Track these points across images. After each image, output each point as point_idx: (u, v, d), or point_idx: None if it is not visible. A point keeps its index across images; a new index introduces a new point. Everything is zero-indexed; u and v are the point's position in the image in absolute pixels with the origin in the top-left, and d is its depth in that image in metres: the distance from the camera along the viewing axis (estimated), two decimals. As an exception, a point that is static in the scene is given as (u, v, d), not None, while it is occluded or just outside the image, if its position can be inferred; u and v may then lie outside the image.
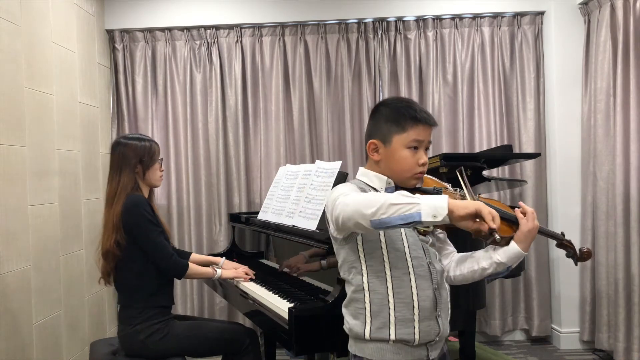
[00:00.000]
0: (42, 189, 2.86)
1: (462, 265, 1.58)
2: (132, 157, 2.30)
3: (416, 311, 1.44)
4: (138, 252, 2.26)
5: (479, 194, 1.61)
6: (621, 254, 3.16)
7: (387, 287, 1.44)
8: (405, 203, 1.24)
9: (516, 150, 3.71)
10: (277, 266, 2.57)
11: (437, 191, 1.52)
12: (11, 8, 2.64)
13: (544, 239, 3.74)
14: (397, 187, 1.51)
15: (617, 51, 3.20)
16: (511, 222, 1.49)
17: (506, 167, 3.71)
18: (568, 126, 3.64)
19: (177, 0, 3.78)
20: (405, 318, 1.44)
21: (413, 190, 1.52)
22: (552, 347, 3.71)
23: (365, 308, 1.45)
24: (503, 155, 3.10)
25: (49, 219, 2.92)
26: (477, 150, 3.74)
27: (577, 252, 1.57)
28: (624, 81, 3.16)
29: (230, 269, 2.58)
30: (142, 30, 3.82)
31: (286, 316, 1.85)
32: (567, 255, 1.60)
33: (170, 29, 3.82)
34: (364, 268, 1.46)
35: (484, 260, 1.52)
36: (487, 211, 1.27)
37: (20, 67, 2.71)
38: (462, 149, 3.75)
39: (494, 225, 1.26)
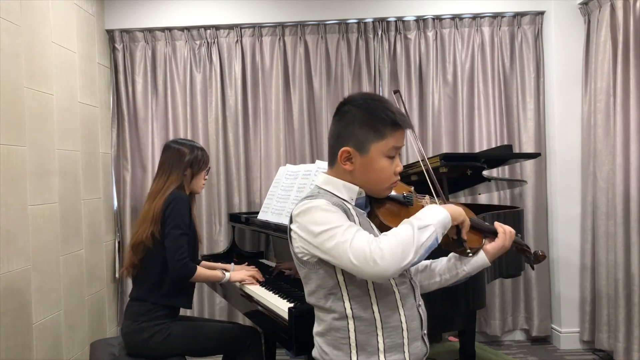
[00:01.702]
0: (42, 189, 2.86)
1: (422, 275, 1.52)
2: (184, 160, 2.39)
3: (405, 334, 1.33)
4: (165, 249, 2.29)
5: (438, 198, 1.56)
6: (621, 254, 3.16)
7: (373, 312, 1.31)
8: (428, 237, 1.23)
9: (516, 150, 3.71)
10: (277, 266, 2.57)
11: (407, 200, 1.45)
12: (11, 8, 2.64)
13: (544, 240, 3.75)
14: (367, 197, 1.42)
15: (617, 51, 3.20)
16: (482, 232, 1.46)
17: (506, 167, 3.71)
18: (568, 126, 3.64)
19: (177, 0, 3.78)
20: (395, 344, 1.32)
21: (383, 199, 1.43)
22: (552, 347, 3.71)
23: (349, 337, 1.31)
24: (503, 155, 3.10)
25: (49, 219, 2.92)
26: (477, 150, 3.74)
27: (532, 255, 1.53)
28: (624, 81, 3.16)
29: (239, 271, 2.52)
30: (142, 30, 3.82)
31: (286, 316, 1.85)
32: (526, 261, 1.55)
33: (170, 29, 3.81)
34: (344, 293, 1.31)
35: (448, 271, 1.48)
36: (468, 223, 1.36)
37: (20, 67, 2.71)
38: (462, 149, 3.75)
39: (465, 237, 1.36)
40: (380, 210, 1.41)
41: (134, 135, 3.85)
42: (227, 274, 2.46)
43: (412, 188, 1.52)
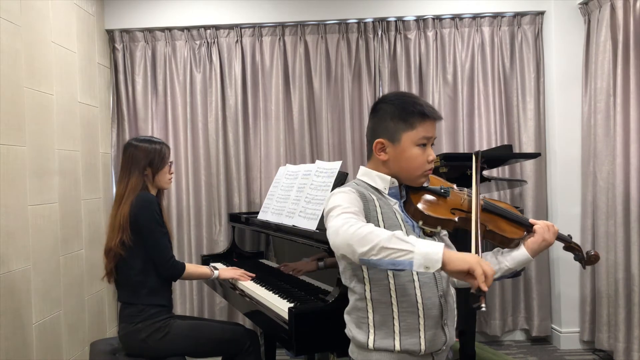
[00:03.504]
0: (42, 189, 2.86)
1: None
2: (141, 160, 2.34)
3: (421, 320, 1.39)
4: (142, 249, 2.28)
5: (483, 196, 1.58)
6: (621, 254, 3.16)
7: (390, 297, 1.39)
8: (398, 249, 1.18)
9: (516, 150, 3.71)
10: (277, 266, 2.57)
11: (444, 191, 1.50)
12: (11, 8, 2.64)
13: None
14: (401, 187, 1.50)
15: (617, 51, 3.20)
16: (521, 225, 1.51)
17: (506, 167, 3.71)
18: (568, 126, 3.64)
19: (177, 0, 3.78)
20: (410, 328, 1.39)
21: (420, 189, 1.50)
22: (552, 347, 3.71)
23: (368, 317, 1.41)
24: (503, 155, 3.10)
25: (49, 219, 2.92)
26: (477, 150, 3.74)
27: (585, 255, 1.57)
28: (624, 81, 3.16)
29: (229, 269, 2.59)
30: (142, 30, 3.82)
31: (286, 316, 1.85)
32: (575, 259, 1.58)
33: (170, 29, 3.82)
34: (365, 277, 1.41)
35: (491, 264, 1.46)
36: (481, 272, 1.17)
37: (20, 67, 2.71)
38: (462, 149, 3.75)
39: (485, 288, 1.17)
40: (416, 198, 1.48)
41: (133, 135, 3.85)
42: (216, 272, 2.52)
43: (455, 185, 1.57)
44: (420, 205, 1.46)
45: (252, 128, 3.87)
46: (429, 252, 1.18)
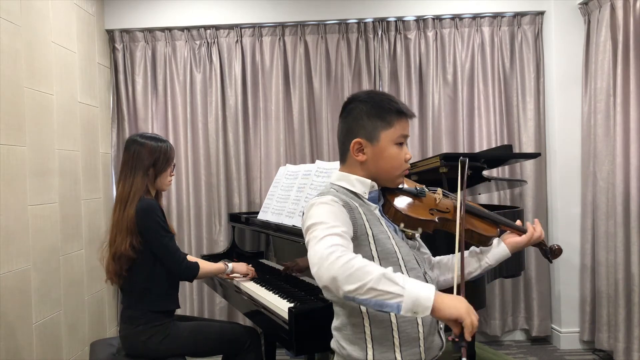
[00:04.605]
0: (42, 189, 2.86)
1: (446, 271, 1.52)
2: (146, 158, 2.26)
3: (420, 328, 1.35)
4: (149, 254, 2.25)
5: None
6: (621, 254, 3.16)
7: None
8: (387, 291, 1.10)
9: (516, 150, 3.71)
10: (277, 266, 2.57)
11: (420, 192, 1.49)
12: (11, 8, 2.64)
13: (544, 239, 3.74)
14: (380, 190, 1.46)
15: (617, 51, 3.20)
16: (494, 222, 1.52)
17: (506, 167, 3.71)
18: (568, 126, 3.64)
19: (177, 0, 3.78)
20: (410, 338, 1.34)
21: (396, 190, 1.47)
22: (552, 347, 3.71)
23: (364, 332, 1.33)
24: (503, 155, 3.10)
25: (49, 219, 2.92)
26: (477, 150, 3.74)
27: (549, 249, 1.60)
28: (624, 81, 3.16)
29: (241, 264, 2.59)
30: (142, 30, 3.82)
31: (286, 316, 1.85)
32: (543, 255, 1.60)
33: (170, 29, 3.82)
34: None
35: (471, 264, 1.49)
36: (469, 322, 1.12)
37: (20, 67, 2.71)
38: (462, 149, 3.75)
39: (469, 338, 1.12)
40: (394, 200, 1.45)
41: (134, 135, 3.85)
42: (230, 265, 2.51)
43: (424, 186, 1.57)
44: (400, 207, 1.42)
45: (252, 128, 3.87)
46: (420, 297, 1.10)
